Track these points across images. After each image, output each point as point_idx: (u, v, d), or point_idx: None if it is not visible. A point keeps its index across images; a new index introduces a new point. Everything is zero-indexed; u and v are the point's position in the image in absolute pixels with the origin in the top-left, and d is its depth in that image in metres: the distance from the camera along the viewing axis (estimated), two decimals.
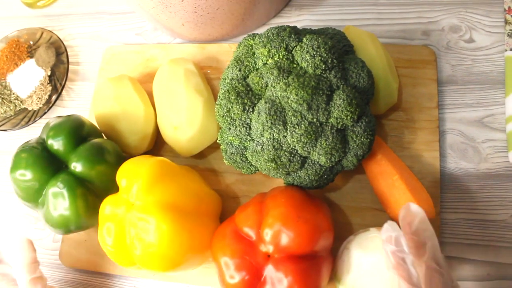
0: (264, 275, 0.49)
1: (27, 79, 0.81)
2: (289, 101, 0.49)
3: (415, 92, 0.65)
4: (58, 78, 0.80)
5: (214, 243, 0.53)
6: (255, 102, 0.51)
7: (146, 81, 0.74)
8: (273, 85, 0.50)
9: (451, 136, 0.63)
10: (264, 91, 0.52)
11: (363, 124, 0.51)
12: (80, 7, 0.87)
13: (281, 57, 0.52)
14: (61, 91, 0.79)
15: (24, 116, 0.79)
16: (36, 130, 0.79)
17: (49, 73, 0.81)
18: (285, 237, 0.48)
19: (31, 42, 0.84)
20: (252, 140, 0.52)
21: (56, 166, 0.58)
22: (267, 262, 0.49)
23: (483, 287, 0.57)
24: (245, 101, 0.51)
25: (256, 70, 0.53)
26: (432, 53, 0.66)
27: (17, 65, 0.82)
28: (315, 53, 0.50)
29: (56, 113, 0.79)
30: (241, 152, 0.54)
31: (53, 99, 0.78)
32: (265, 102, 0.50)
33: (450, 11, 0.70)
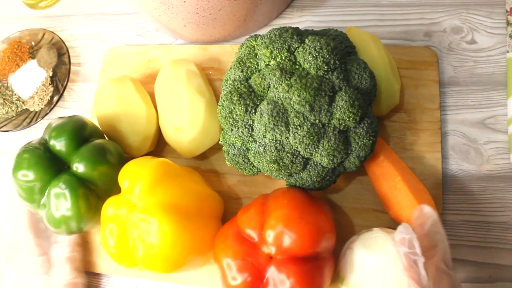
0: (266, 277, 0.49)
1: (29, 80, 0.81)
2: (292, 102, 0.49)
3: (417, 94, 0.65)
4: (60, 79, 0.80)
5: (216, 245, 0.53)
6: (258, 103, 0.51)
7: (148, 82, 0.74)
8: (276, 86, 0.50)
9: (453, 138, 0.63)
10: (267, 92, 0.51)
11: (366, 126, 0.51)
12: (82, 8, 0.87)
13: (284, 58, 0.51)
14: (63, 92, 0.79)
15: (26, 117, 0.79)
16: (38, 131, 0.79)
17: (51, 74, 0.81)
18: (287, 239, 0.48)
19: (33, 43, 0.84)
20: (255, 141, 0.52)
21: (58, 167, 0.58)
22: (269, 264, 0.49)
23: None
24: (248, 102, 0.51)
25: (259, 71, 0.53)
26: (434, 55, 0.66)
27: (19, 66, 0.82)
28: (318, 54, 0.50)
29: (58, 114, 0.79)
30: (243, 153, 0.54)
31: (55, 100, 0.78)
32: (268, 103, 0.50)
33: (452, 13, 0.70)
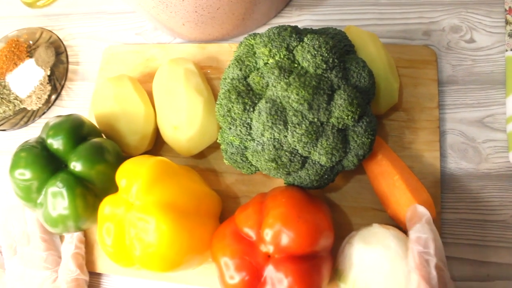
0: (264, 276, 0.49)
1: (27, 79, 0.80)
2: (290, 101, 0.49)
3: (416, 92, 0.65)
4: (58, 78, 0.80)
5: (214, 243, 0.53)
6: (256, 102, 0.51)
7: (146, 81, 0.74)
8: (274, 85, 0.50)
9: (452, 136, 0.63)
10: (265, 91, 0.51)
11: (364, 124, 0.51)
12: (80, 7, 0.87)
13: (282, 57, 0.51)
14: (61, 91, 0.78)
15: (23, 116, 0.79)
16: (35, 130, 0.79)
17: (49, 73, 0.80)
18: (286, 237, 0.48)
19: (31, 42, 0.84)
20: (253, 140, 0.52)
21: (56, 166, 0.58)
22: (267, 263, 0.49)
23: None
24: (246, 101, 0.51)
25: (257, 70, 0.53)
26: (433, 53, 0.66)
27: (17, 65, 0.82)
28: (316, 53, 0.50)
29: (56, 113, 0.79)
30: (242, 152, 0.54)
31: (53, 99, 0.78)
32: (266, 102, 0.50)
33: (451, 11, 0.70)
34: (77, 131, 0.59)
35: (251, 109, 0.51)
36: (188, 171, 0.60)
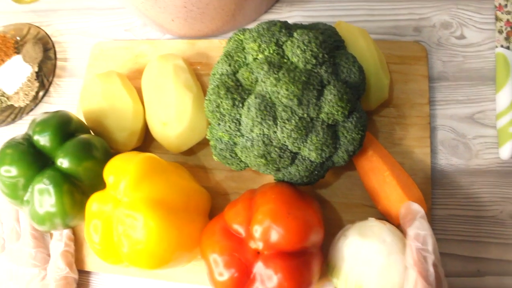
0: (254, 272, 0.49)
1: (14, 75, 0.79)
2: (280, 96, 0.48)
3: (406, 89, 0.65)
4: (46, 74, 0.79)
5: (203, 240, 0.53)
6: (245, 97, 0.51)
7: (135, 77, 0.73)
8: (263, 80, 0.50)
9: (442, 133, 0.63)
10: (254, 86, 0.51)
11: (354, 120, 0.51)
12: (68, 3, 0.86)
13: (272, 52, 0.51)
14: (49, 88, 0.78)
15: (11, 113, 0.78)
16: (23, 127, 0.77)
17: (36, 69, 0.79)
18: (275, 234, 0.48)
19: (18, 38, 0.83)
20: (242, 136, 0.52)
21: (42, 162, 0.57)
22: (257, 259, 0.49)
23: (474, 283, 0.57)
24: (235, 96, 0.50)
25: (246, 65, 0.53)
26: (423, 50, 0.66)
27: (3, 61, 0.80)
28: (306, 48, 0.49)
29: (43, 110, 0.78)
30: (231, 148, 0.54)
31: (40, 96, 0.77)
32: (255, 97, 0.49)
33: (441, 8, 0.70)
34: (64, 128, 0.58)
35: (240, 105, 0.51)
36: (177, 168, 0.59)
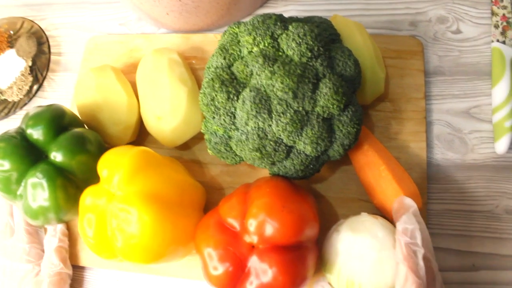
0: (248, 266, 0.48)
1: (7, 70, 0.79)
2: (275, 89, 0.48)
3: (402, 83, 0.64)
4: (40, 69, 0.78)
5: (198, 234, 0.52)
6: (240, 91, 0.50)
7: (130, 72, 0.73)
8: (258, 73, 0.49)
9: (438, 127, 0.63)
10: (249, 80, 0.51)
11: (350, 114, 0.51)
12: None
13: (267, 45, 0.51)
14: (43, 82, 0.77)
15: (4, 108, 0.77)
16: (17, 122, 0.76)
17: (30, 64, 0.79)
18: (270, 227, 0.47)
19: (11, 32, 0.82)
20: (237, 129, 0.51)
21: (36, 156, 0.56)
22: (251, 253, 0.48)
23: (469, 278, 0.57)
24: (230, 90, 0.50)
25: (241, 58, 0.52)
26: (420, 44, 0.66)
27: None
28: (301, 41, 0.49)
29: (37, 104, 0.76)
30: (226, 142, 0.53)
31: (34, 90, 0.76)
32: (250, 91, 0.49)
33: (438, 2, 0.69)
34: (58, 121, 0.58)
35: (235, 98, 0.50)
36: (172, 162, 0.59)
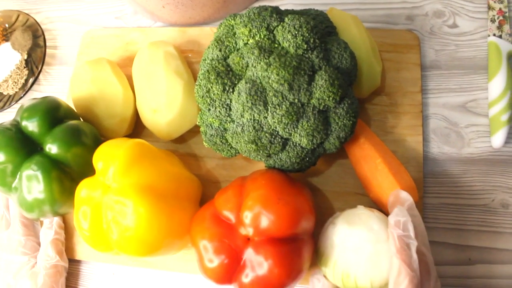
0: (244, 259, 0.48)
1: (3, 63, 0.79)
2: (270, 81, 0.48)
3: (399, 77, 0.64)
4: (35, 62, 0.78)
5: (193, 227, 0.52)
6: (236, 83, 0.50)
7: (126, 65, 0.72)
8: (254, 65, 0.49)
9: (435, 121, 0.63)
10: (245, 71, 0.50)
11: (346, 106, 0.50)
12: None
13: (262, 37, 0.50)
14: (38, 75, 0.76)
15: None
16: (12, 115, 0.76)
17: (26, 57, 0.78)
18: (265, 220, 0.47)
19: (7, 25, 0.81)
20: (232, 121, 0.51)
21: (31, 148, 0.56)
22: (247, 245, 0.48)
23: (465, 272, 0.57)
24: (225, 81, 0.50)
25: (237, 50, 0.52)
26: (416, 38, 0.66)
27: None
28: (297, 33, 0.49)
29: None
30: (221, 134, 0.53)
31: (30, 83, 0.76)
32: (246, 82, 0.49)
33: None
34: (53, 113, 0.58)
35: (231, 90, 0.50)
36: (168, 155, 0.59)
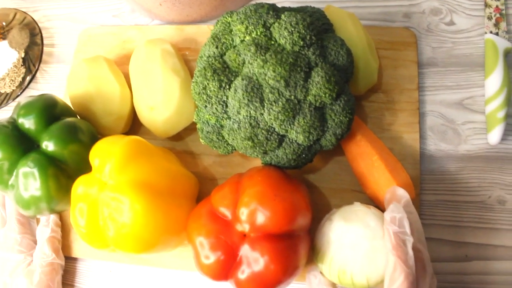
0: (240, 255, 0.48)
1: (0, 61, 0.78)
2: (267, 78, 0.48)
3: (396, 74, 0.64)
4: (32, 60, 0.78)
5: (190, 223, 0.52)
6: (232, 79, 0.50)
7: (123, 63, 0.72)
8: (251, 62, 0.49)
9: (431, 118, 0.63)
10: (241, 68, 0.50)
11: (342, 103, 0.50)
12: None
13: (259, 34, 0.50)
14: (35, 73, 0.76)
15: None
16: (9, 113, 0.76)
17: (23, 55, 0.78)
18: (261, 216, 0.47)
19: (4, 23, 0.81)
20: (229, 118, 0.51)
21: (27, 146, 0.56)
22: (243, 242, 0.48)
23: (462, 268, 0.57)
24: (222, 78, 0.50)
25: (234, 47, 0.52)
26: (413, 35, 0.66)
27: None
28: (293, 30, 0.49)
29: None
30: (218, 131, 0.53)
31: (27, 82, 0.76)
32: (242, 79, 0.49)
33: None
34: (50, 111, 0.57)
35: (227, 87, 0.50)
36: (165, 152, 0.59)
